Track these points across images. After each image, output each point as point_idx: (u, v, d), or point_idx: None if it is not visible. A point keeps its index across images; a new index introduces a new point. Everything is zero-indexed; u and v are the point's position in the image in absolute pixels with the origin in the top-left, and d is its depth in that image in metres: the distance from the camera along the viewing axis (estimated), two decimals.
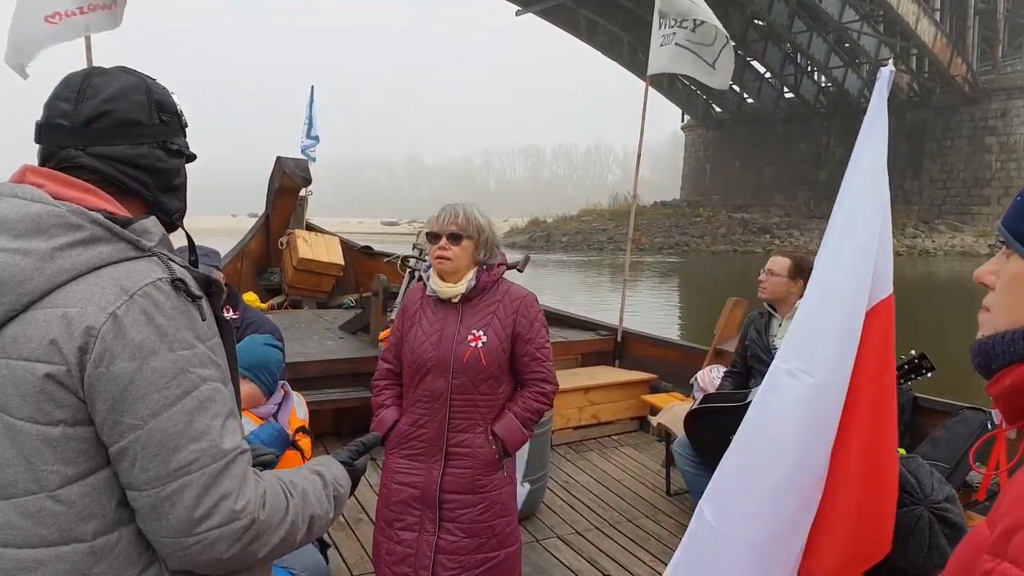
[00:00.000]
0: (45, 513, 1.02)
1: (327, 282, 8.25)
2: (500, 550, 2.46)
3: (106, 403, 1.02)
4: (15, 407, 1.02)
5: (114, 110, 1.16)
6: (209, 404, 1.09)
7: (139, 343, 1.03)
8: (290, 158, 8.44)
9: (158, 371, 1.04)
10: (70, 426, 1.03)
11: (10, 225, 1.04)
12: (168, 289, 1.08)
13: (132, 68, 1.25)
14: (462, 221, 2.42)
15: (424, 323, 2.49)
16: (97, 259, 1.06)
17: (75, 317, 1.02)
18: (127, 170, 1.17)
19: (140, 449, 1.03)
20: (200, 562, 1.09)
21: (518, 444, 2.47)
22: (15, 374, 1.02)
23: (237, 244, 8.55)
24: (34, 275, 1.02)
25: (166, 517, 1.05)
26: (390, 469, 2.53)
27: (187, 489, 1.05)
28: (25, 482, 1.02)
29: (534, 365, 2.47)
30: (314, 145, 9.61)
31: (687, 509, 4.11)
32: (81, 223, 1.06)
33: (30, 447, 1.02)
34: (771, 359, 3.49)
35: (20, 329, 1.02)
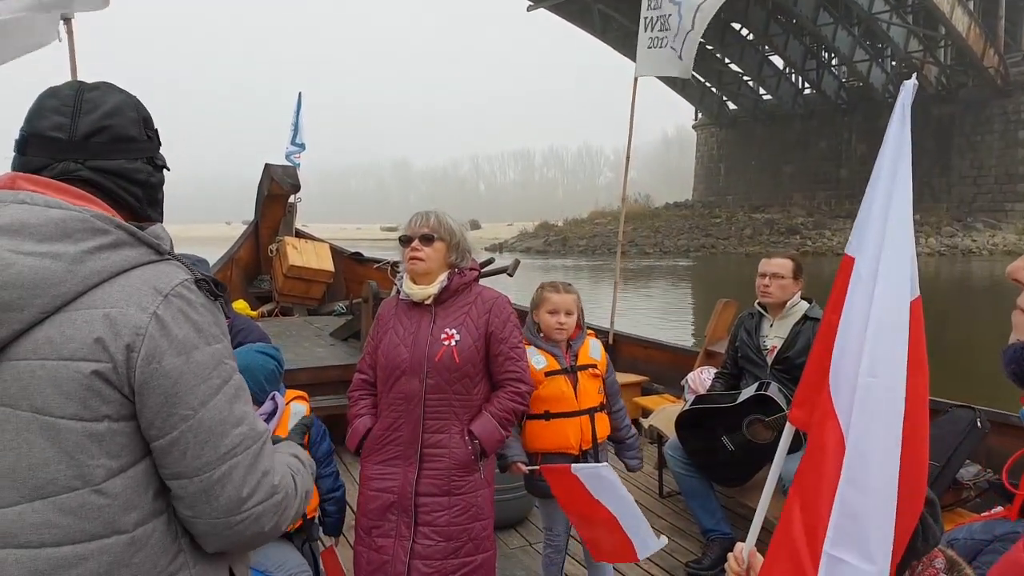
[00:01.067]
0: (89, 507, 1.06)
1: (317, 289, 8.23)
2: (476, 555, 2.45)
3: (159, 397, 1.08)
4: (56, 407, 1.04)
5: (112, 125, 1.19)
6: (242, 391, 1.18)
7: (182, 339, 1.10)
8: (278, 165, 8.44)
9: (201, 363, 1.11)
10: (114, 421, 1.08)
11: (32, 229, 1.06)
12: (195, 289, 1.15)
13: (115, 84, 1.28)
14: (434, 223, 2.48)
15: (398, 327, 2.51)
16: (125, 262, 1.11)
17: (118, 317, 1.06)
18: (123, 184, 1.20)
19: (192, 437, 1.10)
20: (245, 538, 1.17)
21: (496, 444, 2.48)
22: (56, 374, 1.04)
23: (227, 252, 8.54)
24: (66, 277, 1.05)
25: (217, 499, 1.12)
26: (366, 476, 2.53)
27: (235, 470, 1.13)
28: (67, 479, 1.05)
29: (508, 364, 2.48)
30: (299, 152, 9.61)
31: (680, 511, 4.11)
32: (107, 228, 1.11)
33: (75, 444, 1.05)
34: (762, 359, 3.55)
35: (56, 331, 1.05)
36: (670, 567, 3.56)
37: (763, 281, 3.58)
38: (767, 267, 3.59)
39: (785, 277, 3.54)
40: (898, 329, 1.58)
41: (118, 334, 1.06)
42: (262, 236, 8.59)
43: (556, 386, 2.81)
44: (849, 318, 1.62)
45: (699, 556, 3.59)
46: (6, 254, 1.04)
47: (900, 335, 1.57)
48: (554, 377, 2.82)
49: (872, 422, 1.54)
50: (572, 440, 2.80)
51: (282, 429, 2.52)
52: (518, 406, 2.50)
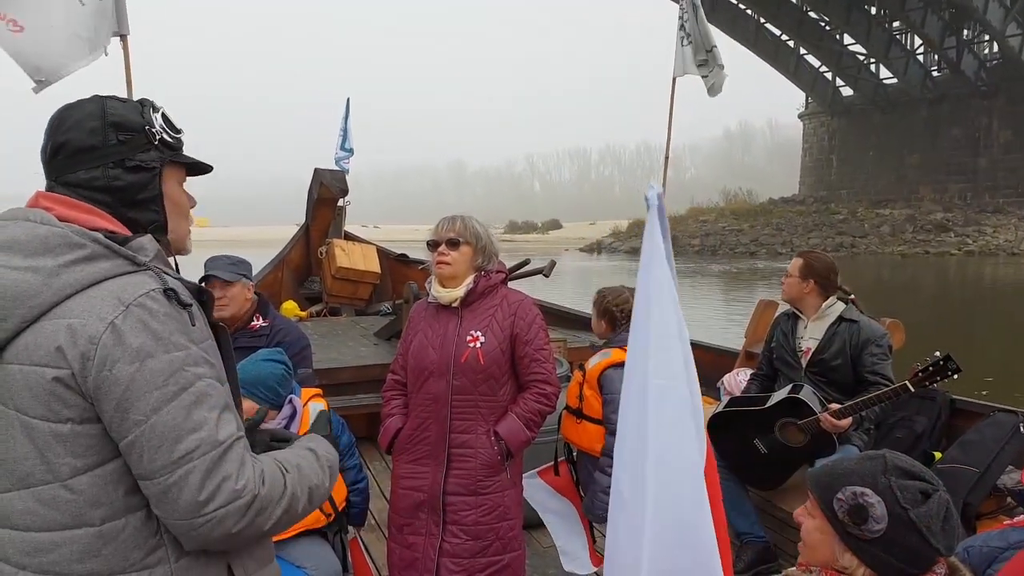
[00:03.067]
0: (59, 500, 1.16)
1: (364, 290, 8.39)
2: (504, 554, 2.49)
3: (111, 402, 1.14)
4: (30, 407, 1.15)
5: (69, 140, 1.27)
6: (205, 398, 1.20)
7: (137, 348, 1.15)
8: (327, 169, 8.62)
9: (156, 371, 1.15)
10: (78, 423, 1.16)
11: (22, 245, 1.17)
12: (161, 298, 1.19)
13: (99, 95, 1.33)
14: (459, 228, 2.53)
15: (427, 329, 2.57)
16: (98, 274, 1.18)
17: (78, 327, 1.14)
18: (84, 192, 1.27)
19: (146, 442, 1.15)
20: (213, 539, 1.20)
21: (521, 444, 2.51)
22: (28, 378, 1.15)
23: (278, 254, 8.77)
24: (42, 290, 1.15)
25: (175, 502, 1.16)
26: (397, 475, 2.60)
27: (191, 475, 1.16)
28: (41, 473, 1.16)
29: (533, 366, 2.51)
30: (348, 157, 9.76)
31: None
32: (83, 242, 1.19)
33: (44, 442, 1.15)
34: (797, 361, 3.51)
35: (32, 338, 1.15)
36: None
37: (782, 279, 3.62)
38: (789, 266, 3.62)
39: (792, 275, 3.56)
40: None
41: (75, 343, 1.13)
42: (312, 239, 8.78)
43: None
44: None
45: (733, 559, 3.57)
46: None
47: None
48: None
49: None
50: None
51: (304, 429, 2.59)
52: (544, 407, 2.52)
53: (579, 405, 2.81)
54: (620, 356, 2.73)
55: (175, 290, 1.22)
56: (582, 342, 5.76)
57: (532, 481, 2.96)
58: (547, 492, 3.00)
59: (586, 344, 5.54)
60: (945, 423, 3.86)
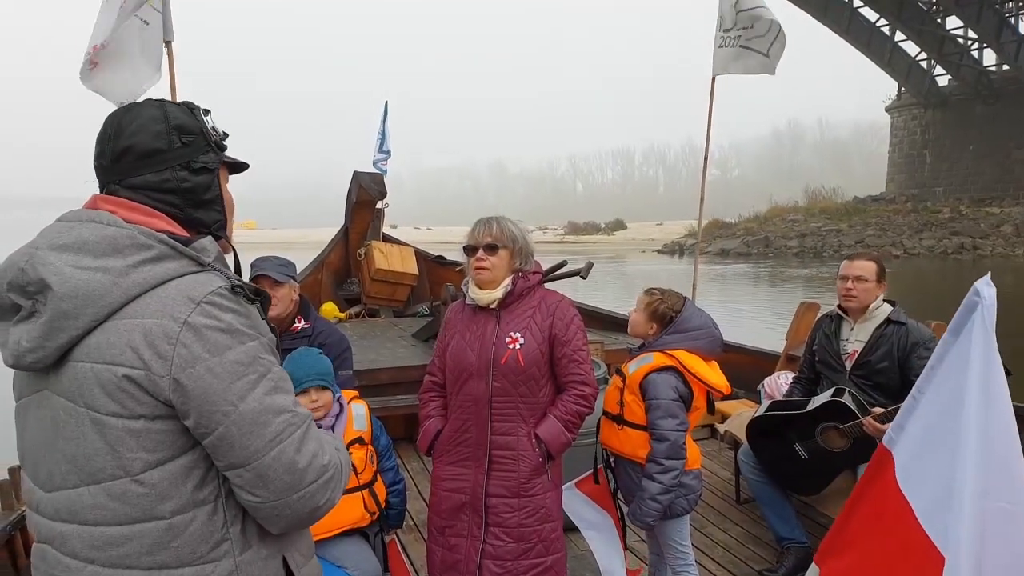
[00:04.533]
0: (130, 494, 1.19)
1: (402, 291, 8.46)
2: (546, 556, 2.48)
3: (196, 399, 1.17)
4: (101, 404, 1.17)
5: (135, 144, 1.30)
6: (282, 383, 1.26)
7: (214, 342, 1.18)
8: (365, 172, 8.72)
9: (235, 362, 1.19)
10: (150, 419, 1.18)
11: (91, 246, 1.20)
12: (229, 294, 1.23)
13: (157, 99, 1.37)
14: (496, 232, 2.52)
15: (465, 332, 2.57)
16: (165, 274, 1.22)
17: (152, 327, 1.17)
18: (154, 195, 1.30)
19: (236, 431, 1.19)
20: (303, 516, 1.27)
21: (561, 447, 2.50)
22: (100, 376, 1.17)
23: (317, 256, 8.89)
24: (112, 289, 1.18)
25: (272, 482, 1.21)
26: (438, 477, 2.61)
27: (284, 454, 1.22)
28: (112, 468, 1.19)
29: (572, 367, 2.49)
30: (386, 159, 9.88)
31: (757, 518, 4.03)
32: (150, 243, 1.22)
33: (116, 438, 1.18)
34: (840, 364, 3.44)
35: (103, 337, 1.17)
36: (743, 574, 3.50)
37: (846, 284, 3.47)
38: (850, 270, 3.48)
39: (869, 280, 3.42)
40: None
41: (151, 343, 1.16)
42: (351, 241, 8.88)
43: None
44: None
45: (774, 564, 3.52)
46: (67, 269, 1.18)
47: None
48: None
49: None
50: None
51: (348, 428, 2.63)
52: (582, 408, 2.50)
53: (619, 411, 2.78)
54: (662, 360, 2.71)
55: (242, 285, 1.26)
56: (619, 344, 5.74)
57: (569, 492, 2.95)
58: (584, 503, 2.98)
59: (624, 347, 5.51)
60: None
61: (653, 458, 2.65)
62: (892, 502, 1.91)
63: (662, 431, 2.64)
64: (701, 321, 2.79)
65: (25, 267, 1.19)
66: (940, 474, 1.79)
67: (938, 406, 1.86)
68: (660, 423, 2.65)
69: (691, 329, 2.76)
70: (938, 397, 1.87)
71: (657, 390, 2.67)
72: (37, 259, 1.19)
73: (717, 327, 2.83)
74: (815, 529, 3.75)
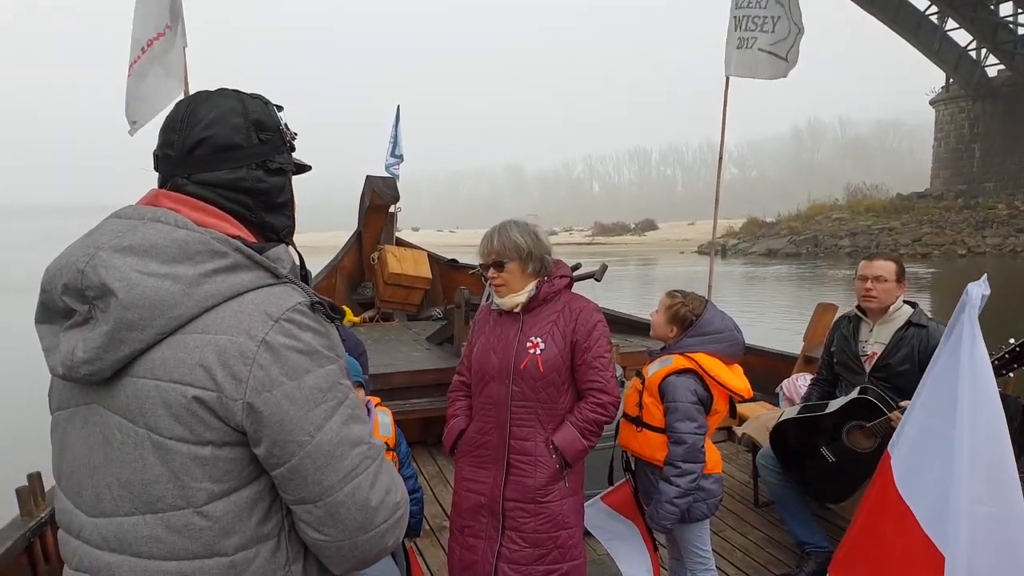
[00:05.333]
0: (192, 528, 1.07)
1: (416, 295, 8.47)
2: (563, 563, 2.46)
3: (272, 427, 1.06)
4: (166, 427, 1.05)
5: (212, 136, 1.17)
6: (358, 411, 1.15)
7: (293, 365, 1.07)
8: (378, 176, 8.75)
9: (314, 387, 1.08)
10: (218, 447, 1.06)
11: (159, 250, 1.07)
12: (308, 311, 1.12)
13: (232, 89, 1.24)
14: (497, 247, 2.48)
15: (489, 335, 2.57)
16: (240, 286, 1.09)
17: (226, 345, 1.05)
18: (227, 194, 1.18)
19: (311, 463, 1.08)
20: (369, 557, 1.16)
21: (578, 454, 2.47)
22: (165, 395, 1.05)
23: (331, 260, 8.92)
24: (183, 300, 1.05)
25: (343, 521, 1.11)
26: (460, 477, 2.61)
27: (358, 491, 1.11)
28: (173, 498, 1.06)
29: (591, 374, 2.46)
30: (398, 163, 9.90)
31: (776, 521, 3.98)
32: (225, 250, 1.10)
33: (181, 465, 1.06)
34: (860, 366, 3.40)
35: (170, 352, 1.05)
36: None
37: (865, 285, 3.43)
38: (869, 270, 3.43)
39: (889, 280, 3.37)
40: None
41: (225, 363, 1.04)
42: (364, 245, 8.91)
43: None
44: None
45: (793, 569, 3.47)
46: (132, 274, 1.05)
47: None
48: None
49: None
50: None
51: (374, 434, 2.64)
52: (600, 416, 2.46)
53: (638, 413, 2.76)
54: (682, 363, 2.69)
55: (322, 303, 1.15)
56: (635, 347, 5.70)
57: (593, 508, 2.92)
58: (608, 515, 2.95)
59: (640, 349, 5.48)
60: (1018, 430, 3.69)
61: (671, 461, 2.63)
62: (893, 508, 1.93)
63: (680, 434, 2.61)
64: (722, 324, 2.76)
65: (86, 269, 1.06)
66: (937, 477, 1.82)
67: (932, 409, 1.88)
68: (678, 426, 2.62)
69: (712, 332, 2.73)
70: (932, 399, 1.88)
71: (675, 393, 2.64)
72: (99, 261, 1.06)
73: (739, 330, 2.80)
74: (835, 533, 3.70)
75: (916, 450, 1.92)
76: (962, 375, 1.77)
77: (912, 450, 1.93)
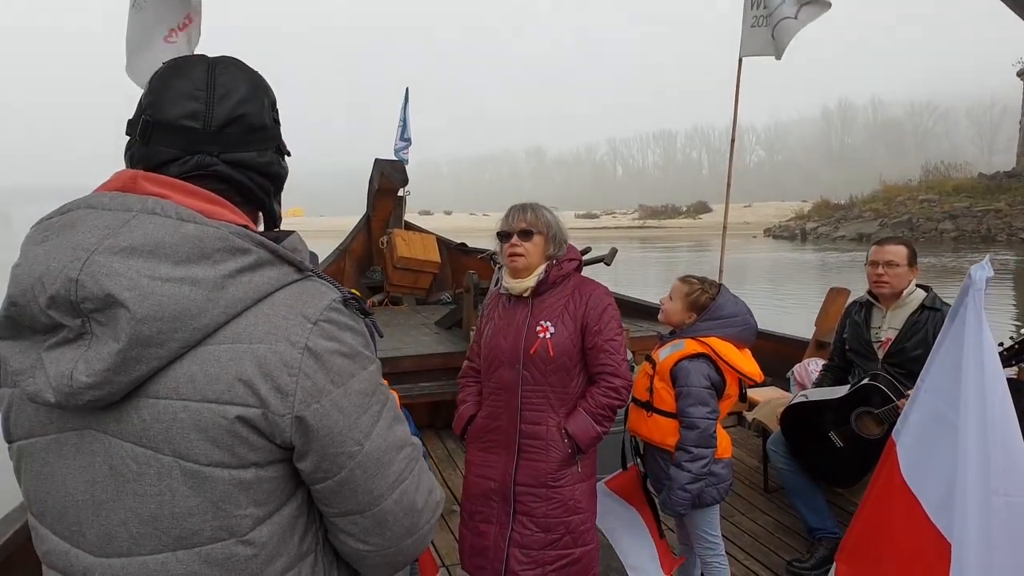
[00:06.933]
0: (236, 559, 0.97)
1: (425, 279, 8.46)
2: (575, 548, 2.45)
3: (322, 439, 0.97)
4: (201, 453, 0.93)
5: (248, 113, 1.06)
6: (397, 410, 1.09)
7: (338, 370, 0.98)
8: (387, 160, 8.71)
9: (360, 392, 1.01)
10: (261, 467, 0.97)
11: (169, 250, 0.92)
12: (344, 309, 1.03)
13: (237, 59, 1.12)
14: (531, 218, 2.48)
15: (499, 320, 2.55)
16: (266, 286, 0.97)
17: (266, 354, 0.94)
18: (256, 177, 1.08)
19: (361, 473, 1.01)
20: (408, 559, 1.11)
21: (591, 440, 2.45)
22: (199, 417, 0.92)
23: (340, 244, 8.91)
24: (207, 307, 0.92)
25: (391, 528, 1.05)
26: (470, 462, 2.60)
27: (405, 495, 1.05)
28: (212, 530, 0.95)
29: (602, 357, 2.44)
30: (407, 147, 9.83)
31: (785, 506, 3.97)
32: (247, 246, 0.96)
33: (222, 493, 0.95)
34: (872, 352, 3.36)
35: (198, 368, 0.92)
36: (773, 564, 3.45)
37: (876, 270, 3.38)
38: (880, 255, 3.39)
39: (900, 265, 3.33)
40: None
41: (268, 374, 0.93)
42: (373, 229, 8.89)
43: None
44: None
45: (804, 555, 3.46)
46: (143, 281, 0.89)
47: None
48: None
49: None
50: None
51: None
52: (612, 401, 2.45)
53: (649, 398, 2.74)
54: (694, 347, 2.66)
55: (356, 299, 1.06)
56: (644, 331, 5.68)
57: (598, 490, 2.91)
58: (612, 500, 2.93)
59: (650, 334, 5.46)
60: None
61: (683, 446, 2.61)
62: (899, 497, 1.93)
63: (692, 419, 2.59)
64: (736, 308, 2.73)
65: (80, 278, 0.89)
66: (943, 465, 1.81)
67: (936, 396, 1.86)
68: (690, 411, 2.60)
69: (726, 316, 2.70)
70: (936, 385, 1.86)
71: (688, 377, 2.62)
72: (98, 267, 0.89)
73: (752, 315, 2.77)
74: (845, 518, 3.68)
75: (921, 438, 1.91)
76: (966, 362, 1.76)
77: (918, 438, 1.92)
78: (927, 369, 1.90)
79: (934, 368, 1.89)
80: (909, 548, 1.88)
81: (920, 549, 1.84)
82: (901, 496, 1.92)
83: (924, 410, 1.91)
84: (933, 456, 1.85)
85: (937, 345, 1.88)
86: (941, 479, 1.80)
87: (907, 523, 1.89)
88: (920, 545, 1.84)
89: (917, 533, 1.85)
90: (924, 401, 1.91)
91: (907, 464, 1.93)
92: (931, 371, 1.90)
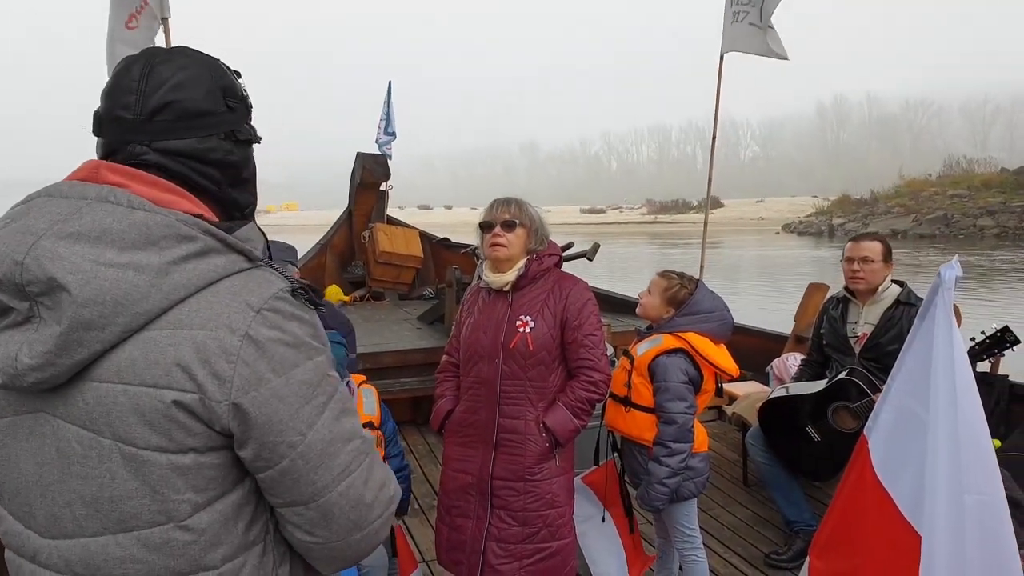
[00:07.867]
0: (174, 544, 0.97)
1: (407, 274, 8.44)
2: (552, 542, 2.46)
3: (260, 428, 0.97)
4: (140, 436, 0.94)
5: (180, 100, 1.04)
6: (348, 403, 1.07)
7: (280, 359, 0.97)
8: (369, 154, 8.67)
9: (303, 382, 1.00)
10: (201, 453, 0.97)
11: (116, 236, 0.93)
12: (291, 299, 1.02)
13: (195, 49, 1.12)
14: (515, 210, 2.50)
15: (479, 314, 2.55)
16: (212, 273, 0.97)
17: (206, 340, 0.94)
18: (196, 166, 1.06)
19: (303, 464, 1.00)
20: (360, 555, 1.10)
21: (570, 434, 2.46)
22: (138, 401, 0.93)
23: (321, 238, 8.86)
24: (150, 292, 0.93)
25: (336, 521, 1.04)
26: (447, 457, 2.60)
27: (351, 489, 1.04)
28: (151, 513, 0.96)
29: (581, 352, 2.45)
30: (390, 141, 9.75)
31: (764, 499, 4.01)
32: (193, 234, 0.97)
33: (159, 477, 0.95)
34: (848, 347, 3.41)
35: (139, 352, 0.93)
36: (751, 556, 3.49)
37: (851, 266, 3.43)
38: (855, 251, 3.43)
39: (875, 261, 3.38)
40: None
41: (206, 360, 0.93)
42: (355, 223, 8.86)
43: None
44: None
45: (781, 547, 3.50)
46: (87, 265, 0.91)
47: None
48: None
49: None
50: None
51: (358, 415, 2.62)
52: (591, 395, 2.46)
53: (627, 393, 2.75)
54: (672, 343, 2.68)
55: (304, 289, 1.05)
56: (626, 326, 5.71)
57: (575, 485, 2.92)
58: (586, 499, 2.93)
59: (631, 329, 5.48)
60: (1005, 409, 3.72)
61: (660, 441, 2.63)
62: (872, 493, 1.96)
63: (670, 414, 2.61)
64: (713, 304, 2.75)
65: (26, 261, 0.91)
66: (913, 460, 1.84)
67: (906, 392, 1.89)
68: (668, 406, 2.62)
69: (703, 311, 2.72)
70: (907, 382, 1.90)
71: (666, 372, 2.64)
72: (43, 251, 0.91)
73: (728, 310, 2.79)
74: (822, 511, 3.72)
75: (893, 434, 1.94)
76: (935, 360, 1.79)
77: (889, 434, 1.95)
78: (898, 367, 1.94)
79: (905, 366, 1.92)
80: (881, 542, 1.91)
81: (892, 543, 1.87)
82: (873, 491, 1.95)
83: (895, 407, 1.94)
84: (904, 452, 1.88)
85: (908, 343, 1.91)
86: (912, 474, 1.83)
87: (879, 518, 1.92)
88: (892, 539, 1.87)
89: (889, 527, 1.87)
90: (895, 398, 1.94)
91: (878, 460, 1.96)
92: (902, 369, 1.93)
